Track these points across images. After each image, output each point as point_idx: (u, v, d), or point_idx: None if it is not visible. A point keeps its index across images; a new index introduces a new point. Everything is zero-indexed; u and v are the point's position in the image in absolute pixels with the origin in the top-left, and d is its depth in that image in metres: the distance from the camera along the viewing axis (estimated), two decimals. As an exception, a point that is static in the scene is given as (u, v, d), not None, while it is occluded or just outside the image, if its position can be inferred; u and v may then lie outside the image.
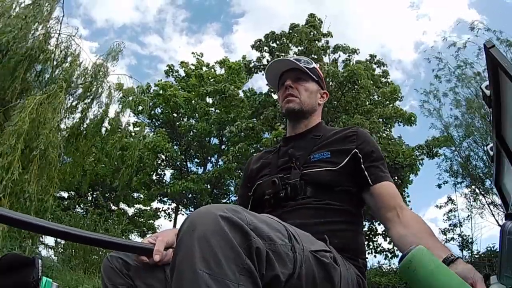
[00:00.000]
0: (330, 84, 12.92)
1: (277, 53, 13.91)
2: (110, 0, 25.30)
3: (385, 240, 14.23)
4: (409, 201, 14.53)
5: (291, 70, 1.48)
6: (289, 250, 0.85)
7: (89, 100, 8.74)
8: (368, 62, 14.30)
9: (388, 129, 14.44)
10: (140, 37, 26.72)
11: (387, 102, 14.47)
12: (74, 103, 8.59)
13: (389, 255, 13.87)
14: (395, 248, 13.93)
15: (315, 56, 13.90)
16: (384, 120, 14.19)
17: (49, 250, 9.54)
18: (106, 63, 8.66)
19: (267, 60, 13.96)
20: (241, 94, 15.88)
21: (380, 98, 14.31)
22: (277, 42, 14.25)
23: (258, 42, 14.40)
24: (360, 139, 1.34)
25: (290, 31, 14.09)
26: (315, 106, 1.49)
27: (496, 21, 11.25)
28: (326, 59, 14.38)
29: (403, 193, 14.13)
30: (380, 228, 14.18)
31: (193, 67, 18.16)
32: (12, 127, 6.28)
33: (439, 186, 13.80)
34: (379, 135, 12.94)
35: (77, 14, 20.83)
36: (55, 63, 8.30)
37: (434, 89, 13.51)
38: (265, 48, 14.34)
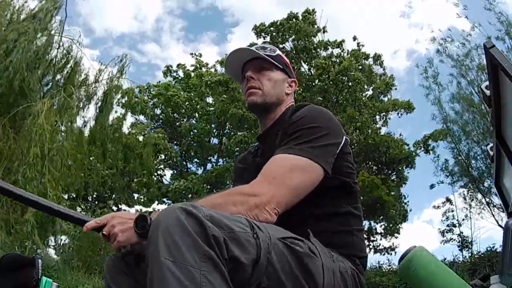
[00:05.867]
0: (325, 79, 13.01)
1: (276, 43, 14.05)
2: (109, 10, 25.99)
3: (385, 238, 14.28)
4: (408, 201, 14.53)
5: (254, 59, 1.36)
6: (250, 237, 0.87)
7: (93, 104, 8.79)
8: (357, 51, 14.36)
9: (384, 124, 14.58)
10: (138, 45, 27.25)
11: (381, 95, 14.56)
12: (80, 107, 8.64)
13: (390, 252, 13.90)
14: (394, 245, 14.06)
15: (314, 52, 14.01)
16: (381, 115, 14.33)
17: (50, 250, 9.54)
18: (115, 77, 8.70)
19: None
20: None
21: (374, 91, 14.40)
22: (278, 33, 14.36)
23: (262, 26, 14.48)
24: (293, 120, 1.21)
25: (289, 21, 14.20)
26: (281, 96, 1.35)
27: (489, 27, 11.34)
28: (323, 54, 14.49)
29: (399, 192, 14.19)
30: (380, 228, 14.24)
31: (192, 68, 18.15)
32: (35, 129, 6.37)
33: (432, 186, 13.59)
34: (370, 131, 13.05)
35: (77, 24, 21.08)
36: (58, 66, 8.29)
37: (435, 72, 13.22)
38: (266, 35, 14.45)
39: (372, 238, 14.13)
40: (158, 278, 0.77)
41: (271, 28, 14.60)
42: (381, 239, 14.33)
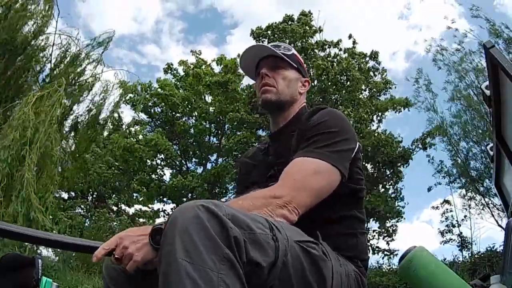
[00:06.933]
0: (324, 80, 13.05)
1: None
2: (108, 12, 26.07)
3: (383, 239, 14.28)
4: (403, 196, 14.52)
5: (268, 57, 1.36)
6: (269, 239, 0.86)
7: (85, 95, 8.74)
8: (352, 49, 14.42)
9: (381, 122, 14.66)
10: (138, 47, 27.52)
11: (379, 94, 14.62)
12: (72, 99, 8.57)
13: (389, 254, 13.91)
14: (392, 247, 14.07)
15: (311, 53, 14.05)
16: (379, 114, 14.40)
17: (49, 250, 9.54)
18: (94, 52, 8.59)
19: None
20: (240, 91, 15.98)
21: (372, 89, 14.45)
22: (276, 36, 14.42)
23: (259, 30, 14.51)
24: (312, 124, 1.21)
25: (285, 23, 14.26)
26: (295, 95, 1.36)
27: (486, 30, 11.46)
28: (321, 54, 14.54)
29: (396, 188, 14.24)
30: (376, 225, 14.27)
31: (192, 66, 18.17)
32: (16, 122, 6.30)
33: (429, 189, 13.70)
34: (368, 129, 13.12)
35: (77, 25, 21.23)
36: (53, 61, 8.32)
37: (426, 80, 13.43)
38: (264, 38, 14.48)
39: (369, 237, 14.16)
40: (174, 280, 0.74)
41: (268, 32, 14.63)
42: (378, 238, 14.35)
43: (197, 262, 0.74)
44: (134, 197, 17.95)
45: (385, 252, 13.96)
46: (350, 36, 14.61)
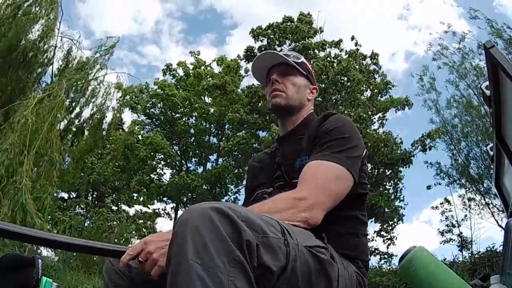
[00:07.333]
0: (324, 80, 13.05)
1: (273, 45, 14.09)
2: (108, 13, 26.34)
3: (384, 242, 14.28)
4: (404, 197, 14.52)
5: (279, 64, 1.43)
6: (282, 244, 0.87)
7: (88, 98, 8.77)
8: (355, 51, 14.41)
9: (382, 124, 14.65)
10: (138, 48, 27.84)
11: (380, 95, 14.62)
12: (73, 102, 8.61)
13: (387, 257, 13.92)
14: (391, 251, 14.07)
15: (311, 52, 14.03)
16: (379, 115, 14.41)
17: (49, 250, 9.54)
18: (99, 58, 8.64)
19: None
20: (239, 93, 15.99)
21: (373, 90, 14.45)
22: (275, 35, 14.39)
23: (259, 30, 14.48)
24: (325, 129, 1.26)
25: (284, 24, 14.26)
26: (303, 101, 1.43)
27: (485, 31, 11.51)
28: (321, 54, 14.51)
29: (396, 188, 14.25)
30: (376, 225, 14.27)
31: (191, 66, 18.16)
32: (16, 124, 6.32)
33: (429, 187, 13.68)
34: (368, 130, 13.13)
35: (77, 26, 21.30)
36: (56, 65, 8.36)
37: (430, 78, 13.43)
38: (263, 38, 14.45)
39: (368, 238, 14.13)
40: (184, 280, 0.74)
41: (268, 31, 14.60)
42: (379, 237, 14.35)
43: (207, 264, 0.74)
44: (134, 198, 17.94)
45: (384, 255, 13.98)
46: (352, 38, 14.57)
